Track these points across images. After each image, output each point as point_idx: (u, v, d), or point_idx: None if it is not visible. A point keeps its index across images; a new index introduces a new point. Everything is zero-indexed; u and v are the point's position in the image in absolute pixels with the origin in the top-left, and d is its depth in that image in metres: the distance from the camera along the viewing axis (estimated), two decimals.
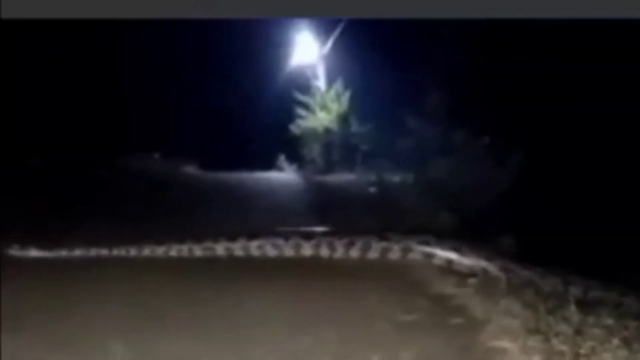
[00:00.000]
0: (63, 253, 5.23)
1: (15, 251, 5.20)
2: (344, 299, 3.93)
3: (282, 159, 20.61)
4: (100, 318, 3.43)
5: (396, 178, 13.01)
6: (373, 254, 5.26)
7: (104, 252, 5.29)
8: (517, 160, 8.39)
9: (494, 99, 11.23)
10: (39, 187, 11.51)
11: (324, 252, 5.33)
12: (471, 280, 4.48)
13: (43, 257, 5.19)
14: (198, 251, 5.39)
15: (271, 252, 5.39)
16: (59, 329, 3.22)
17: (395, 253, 5.23)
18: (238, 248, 5.40)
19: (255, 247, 5.39)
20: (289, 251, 5.38)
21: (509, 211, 7.53)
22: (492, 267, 4.90)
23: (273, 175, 18.21)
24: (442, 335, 3.15)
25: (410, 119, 12.93)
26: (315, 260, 5.22)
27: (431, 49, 13.59)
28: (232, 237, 5.45)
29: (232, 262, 5.18)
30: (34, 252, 5.21)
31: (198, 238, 5.46)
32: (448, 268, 4.93)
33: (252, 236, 5.46)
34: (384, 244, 5.29)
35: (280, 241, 5.41)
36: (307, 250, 5.36)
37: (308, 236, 5.50)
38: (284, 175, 18.65)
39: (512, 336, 3.08)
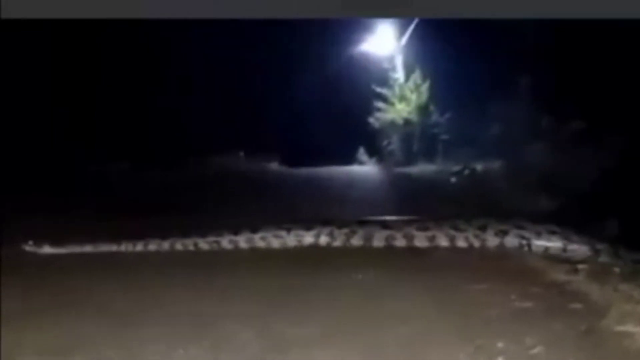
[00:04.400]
0: (178, 245, 5.51)
1: (138, 245, 5.52)
2: (452, 288, 3.93)
3: (362, 152, 20.73)
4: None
5: (480, 166, 12.84)
6: (472, 242, 5.23)
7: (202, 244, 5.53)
8: (616, 143, 8.09)
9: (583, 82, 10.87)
10: (136, 187, 12.09)
11: (422, 242, 5.32)
12: (581, 267, 4.39)
13: (159, 250, 5.50)
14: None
15: (357, 241, 5.45)
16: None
17: (495, 241, 5.17)
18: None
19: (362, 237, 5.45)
20: (379, 242, 5.41)
21: (608, 196, 7.27)
22: (600, 253, 4.80)
23: (354, 169, 18.33)
24: (564, 320, 3.10)
25: (495, 106, 12.70)
26: (414, 250, 5.23)
27: (512, 35, 13.26)
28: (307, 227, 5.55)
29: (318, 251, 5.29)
30: (152, 246, 5.51)
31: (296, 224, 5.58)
32: (555, 255, 4.84)
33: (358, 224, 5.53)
34: (481, 232, 5.25)
35: (370, 230, 5.45)
36: (399, 240, 5.37)
37: (388, 226, 5.50)
38: (365, 169, 18.74)
39: (637, 321, 3.02)
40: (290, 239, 5.48)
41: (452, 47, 16.95)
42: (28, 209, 8.18)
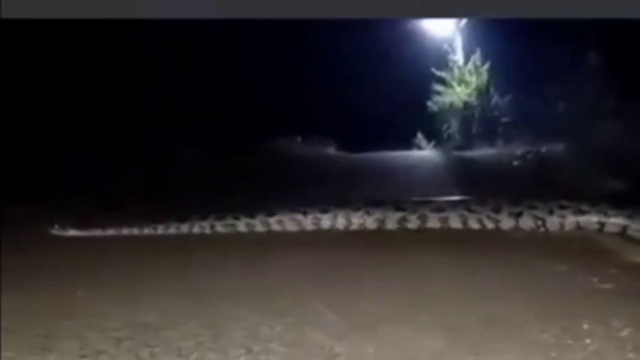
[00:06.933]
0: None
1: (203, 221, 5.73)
2: (530, 268, 3.90)
3: (420, 137, 20.49)
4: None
5: (544, 149, 12.53)
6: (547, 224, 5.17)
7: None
8: None
9: None
10: (197, 174, 12.37)
11: (491, 224, 5.29)
12: None
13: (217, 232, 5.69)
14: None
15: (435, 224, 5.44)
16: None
17: (569, 222, 5.10)
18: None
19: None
20: (455, 223, 5.39)
21: None
22: None
23: (413, 154, 18.16)
24: None
25: (558, 87, 12.38)
26: (485, 232, 5.20)
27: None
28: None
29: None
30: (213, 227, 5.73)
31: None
32: (629, 236, 4.74)
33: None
34: (555, 213, 5.18)
35: (446, 213, 5.44)
36: (474, 222, 5.34)
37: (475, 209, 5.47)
38: (423, 153, 18.56)
39: None
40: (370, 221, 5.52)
41: (512, 28, 16.48)
42: (46, 201, 8.25)
